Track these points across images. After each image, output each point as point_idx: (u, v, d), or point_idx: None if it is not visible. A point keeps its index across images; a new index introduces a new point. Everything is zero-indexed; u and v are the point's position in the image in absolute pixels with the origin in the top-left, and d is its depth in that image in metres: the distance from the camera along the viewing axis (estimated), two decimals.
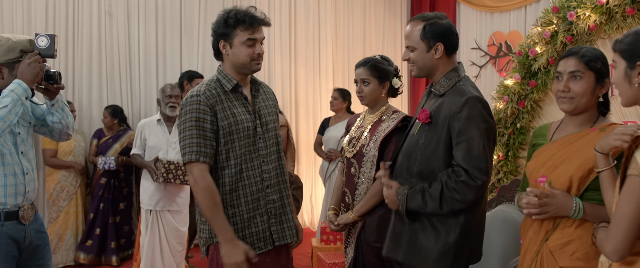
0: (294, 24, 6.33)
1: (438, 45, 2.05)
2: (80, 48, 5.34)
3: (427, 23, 2.06)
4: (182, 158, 2.09)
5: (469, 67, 6.06)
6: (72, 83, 5.32)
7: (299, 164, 6.35)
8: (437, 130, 1.99)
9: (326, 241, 4.44)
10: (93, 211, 4.88)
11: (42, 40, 2.25)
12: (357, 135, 2.66)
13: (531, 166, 1.93)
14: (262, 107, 2.26)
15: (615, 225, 1.48)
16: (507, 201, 2.75)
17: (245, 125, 2.16)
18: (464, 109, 1.92)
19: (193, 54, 5.83)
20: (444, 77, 2.07)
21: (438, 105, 2.03)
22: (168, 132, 4.09)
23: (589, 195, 1.77)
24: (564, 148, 1.84)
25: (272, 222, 2.22)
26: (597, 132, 1.81)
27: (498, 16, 5.78)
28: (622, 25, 3.40)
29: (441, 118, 1.99)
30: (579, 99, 1.81)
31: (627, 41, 1.53)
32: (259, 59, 2.17)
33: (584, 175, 1.76)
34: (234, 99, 2.17)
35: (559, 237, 1.79)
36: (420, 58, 2.07)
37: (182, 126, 2.09)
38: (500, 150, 4.05)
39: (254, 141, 2.19)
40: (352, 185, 2.59)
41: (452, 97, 1.99)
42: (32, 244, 2.30)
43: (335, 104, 5.13)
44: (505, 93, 3.95)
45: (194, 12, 5.82)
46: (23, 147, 2.27)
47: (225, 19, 2.14)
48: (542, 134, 1.99)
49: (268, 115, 2.27)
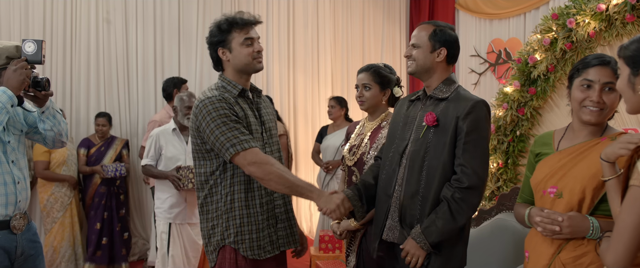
0: (293, 30, 6.31)
1: (442, 49, 2.12)
2: (78, 55, 5.32)
3: (438, 28, 2.15)
4: (225, 155, 2.05)
5: (468, 74, 6.04)
6: (70, 91, 5.30)
7: (298, 172, 6.31)
8: (444, 132, 2.03)
9: (325, 249, 4.41)
10: (99, 220, 4.79)
11: (29, 46, 2.19)
12: (357, 143, 2.64)
13: (538, 177, 1.87)
14: (264, 113, 2.29)
15: (616, 236, 1.44)
16: (507, 210, 2.72)
17: (255, 128, 2.19)
18: (473, 111, 2.00)
19: (191, 61, 5.81)
20: (442, 83, 2.13)
21: (443, 109, 2.07)
22: (185, 142, 3.94)
23: (604, 206, 1.72)
24: (575, 158, 1.78)
25: (279, 227, 2.23)
26: (607, 141, 1.75)
27: (497, 23, 5.76)
28: (621, 33, 3.38)
29: (449, 120, 2.03)
30: (608, 111, 1.78)
31: (632, 48, 1.50)
32: (259, 56, 2.20)
33: (598, 186, 1.71)
34: (243, 103, 2.19)
35: (573, 249, 1.74)
36: (422, 56, 2.13)
37: (213, 124, 2.05)
38: (499, 158, 4.02)
39: (263, 145, 2.21)
40: None
41: (458, 101, 2.05)
42: (25, 254, 2.26)
43: (333, 112, 5.09)
44: (505, 100, 3.92)
45: (192, 19, 5.80)
46: (14, 156, 2.23)
47: (218, 26, 2.18)
48: (546, 143, 1.93)
49: (270, 122, 2.31)
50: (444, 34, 2.12)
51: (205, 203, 2.19)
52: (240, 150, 2.03)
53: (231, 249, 2.12)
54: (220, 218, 2.14)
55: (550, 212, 1.75)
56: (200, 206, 2.21)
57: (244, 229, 2.13)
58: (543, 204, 1.83)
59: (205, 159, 2.17)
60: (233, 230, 2.12)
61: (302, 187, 2.10)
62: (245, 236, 2.12)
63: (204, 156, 2.17)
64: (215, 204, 2.16)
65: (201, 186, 2.20)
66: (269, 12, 6.17)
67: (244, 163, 2.04)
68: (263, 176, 2.04)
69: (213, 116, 2.06)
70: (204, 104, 2.09)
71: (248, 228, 2.12)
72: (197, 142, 2.17)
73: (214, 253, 2.17)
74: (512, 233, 2.39)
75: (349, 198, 2.16)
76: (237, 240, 2.11)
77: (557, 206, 1.77)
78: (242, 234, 2.12)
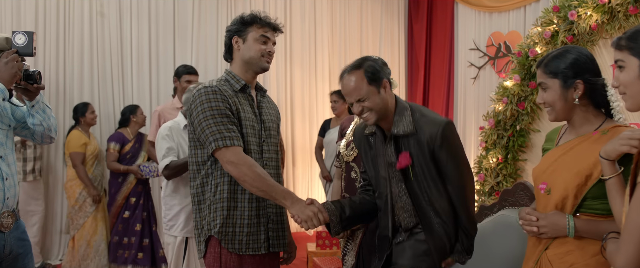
0: (290, 24, 6.25)
1: (382, 82, 1.96)
2: (72, 49, 5.24)
3: (365, 68, 1.96)
4: (208, 148, 2.05)
5: (467, 68, 5.99)
6: (63, 84, 5.23)
7: (295, 168, 6.26)
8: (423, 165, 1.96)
9: (322, 246, 4.36)
10: (139, 221, 4.60)
11: (19, 38, 2.15)
12: None
13: (535, 173, 1.84)
14: (265, 113, 2.28)
15: (626, 237, 1.38)
16: (510, 206, 2.66)
17: (252, 124, 2.17)
18: (445, 140, 1.93)
19: (186, 54, 5.74)
20: (396, 114, 1.98)
21: (410, 144, 1.96)
22: None
23: (589, 203, 1.67)
24: (564, 154, 1.74)
25: (270, 227, 2.19)
26: (598, 136, 1.70)
27: (497, 16, 5.70)
28: (624, 25, 3.32)
29: (421, 152, 1.94)
30: (554, 108, 1.74)
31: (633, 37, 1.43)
32: (269, 57, 2.22)
33: (581, 183, 1.66)
34: (243, 98, 2.19)
35: (559, 246, 1.70)
36: (374, 104, 1.95)
37: (202, 115, 2.06)
38: (499, 153, 3.97)
39: (259, 143, 2.20)
40: (353, 189, 2.50)
41: (422, 130, 1.94)
42: (13, 253, 2.19)
43: (338, 107, 4.96)
44: (505, 95, 3.88)
45: (188, 13, 5.73)
46: (2, 151, 2.16)
47: (242, 17, 2.23)
48: (550, 139, 1.90)
49: (271, 122, 2.29)
50: (375, 69, 1.96)
51: (196, 193, 2.19)
52: (221, 146, 2.03)
53: (216, 240, 2.12)
54: (209, 208, 2.14)
55: (528, 212, 1.76)
56: (193, 195, 2.20)
57: (229, 221, 2.11)
58: (538, 200, 1.81)
59: (198, 149, 2.16)
60: (219, 221, 2.11)
61: (277, 192, 2.05)
62: (229, 228, 2.11)
63: (197, 145, 2.16)
64: (207, 194, 2.16)
65: (194, 175, 2.20)
66: (266, 6, 6.09)
67: (223, 159, 2.05)
68: (238, 176, 2.04)
69: (204, 107, 2.06)
70: (200, 93, 2.10)
71: (232, 221, 2.11)
72: (191, 129, 2.17)
73: (203, 244, 2.17)
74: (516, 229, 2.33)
75: (328, 212, 2.07)
76: (221, 231, 2.11)
77: (548, 203, 1.74)
78: (226, 226, 2.11)
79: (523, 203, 2.60)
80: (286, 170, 6.11)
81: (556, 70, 1.72)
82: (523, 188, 2.61)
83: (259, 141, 2.20)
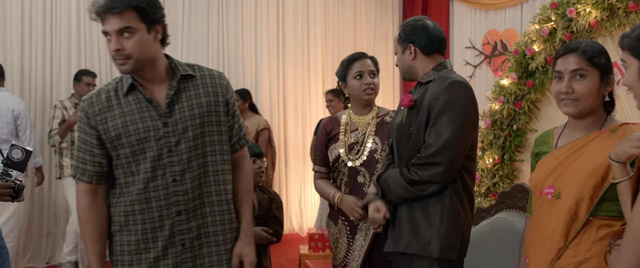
0: (282, 22, 6.14)
1: (410, 46, 2.07)
2: (59, 47, 5.12)
3: (402, 28, 2.12)
4: None
5: (462, 66, 5.93)
6: (50, 84, 5.10)
7: (288, 168, 6.17)
8: (419, 114, 1.96)
9: (314, 248, 4.26)
10: None
11: (16, 153, 2.23)
12: (358, 140, 2.42)
13: (536, 177, 1.74)
14: (183, 108, 1.80)
15: (627, 245, 1.30)
16: (507, 209, 2.58)
17: (145, 136, 1.76)
18: (446, 92, 1.90)
19: (176, 54, 5.63)
20: (432, 69, 2.06)
21: (422, 91, 2.02)
22: None
23: (606, 206, 1.58)
24: (572, 155, 1.65)
25: (186, 257, 1.83)
26: (607, 134, 1.62)
27: (493, 14, 5.64)
28: (624, 22, 3.25)
29: (425, 102, 1.95)
30: (584, 100, 1.63)
31: (634, 36, 1.35)
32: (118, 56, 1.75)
33: (597, 184, 1.57)
34: (134, 103, 1.79)
35: (573, 255, 1.59)
36: (399, 62, 2.13)
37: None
38: (495, 153, 3.90)
39: (159, 156, 1.77)
40: (362, 194, 2.34)
41: (436, 83, 1.98)
42: None
43: (333, 105, 4.88)
44: (501, 94, 3.81)
45: (178, 12, 5.62)
46: None
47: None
48: (545, 142, 1.80)
49: (192, 118, 1.81)
50: (406, 30, 2.08)
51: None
52: (77, 180, 1.86)
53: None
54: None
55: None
56: None
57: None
58: (540, 206, 1.70)
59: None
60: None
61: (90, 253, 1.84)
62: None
63: None
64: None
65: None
66: (258, 3, 5.99)
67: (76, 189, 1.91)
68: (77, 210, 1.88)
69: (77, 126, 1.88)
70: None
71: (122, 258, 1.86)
72: None
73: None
74: (514, 233, 2.25)
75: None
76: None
77: (555, 208, 1.64)
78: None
79: (521, 205, 2.52)
80: (278, 170, 6.01)
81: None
82: (521, 189, 2.52)
83: (159, 153, 1.78)
